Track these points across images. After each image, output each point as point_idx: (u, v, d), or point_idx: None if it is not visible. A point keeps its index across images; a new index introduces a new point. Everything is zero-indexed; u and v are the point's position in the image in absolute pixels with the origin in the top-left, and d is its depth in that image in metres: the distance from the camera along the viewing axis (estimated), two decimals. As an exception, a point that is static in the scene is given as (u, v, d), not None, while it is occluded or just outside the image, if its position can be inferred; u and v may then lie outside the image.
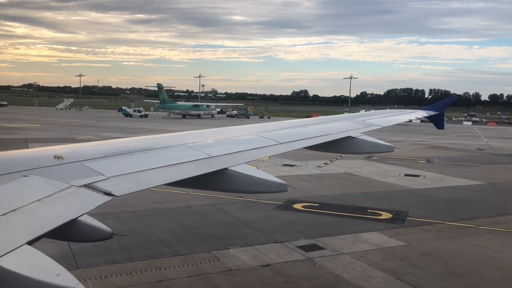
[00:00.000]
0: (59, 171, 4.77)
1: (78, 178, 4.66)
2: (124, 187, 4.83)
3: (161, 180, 5.36)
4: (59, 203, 4.09)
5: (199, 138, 7.42)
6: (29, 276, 2.94)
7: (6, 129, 62.60)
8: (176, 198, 22.31)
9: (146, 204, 20.99)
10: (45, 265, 3.15)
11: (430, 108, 16.41)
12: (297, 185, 26.92)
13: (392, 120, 13.83)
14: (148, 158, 5.84)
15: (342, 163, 37.13)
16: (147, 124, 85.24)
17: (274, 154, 7.83)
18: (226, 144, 7.40)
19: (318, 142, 8.93)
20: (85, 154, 5.52)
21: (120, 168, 5.23)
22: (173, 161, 5.92)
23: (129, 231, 16.73)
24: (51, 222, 3.71)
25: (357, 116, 13.35)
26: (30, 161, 4.90)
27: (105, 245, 14.95)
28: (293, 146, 8.20)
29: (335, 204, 22.54)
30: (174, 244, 15.76)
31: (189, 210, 20.40)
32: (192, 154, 6.35)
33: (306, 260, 14.57)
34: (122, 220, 18.51)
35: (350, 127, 10.67)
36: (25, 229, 3.48)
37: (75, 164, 5.07)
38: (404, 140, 63.82)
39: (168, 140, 7.04)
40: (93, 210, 4.25)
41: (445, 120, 77.26)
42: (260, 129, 8.83)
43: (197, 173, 5.79)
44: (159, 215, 19.42)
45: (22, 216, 3.65)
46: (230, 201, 22.05)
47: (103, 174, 4.90)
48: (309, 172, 32.50)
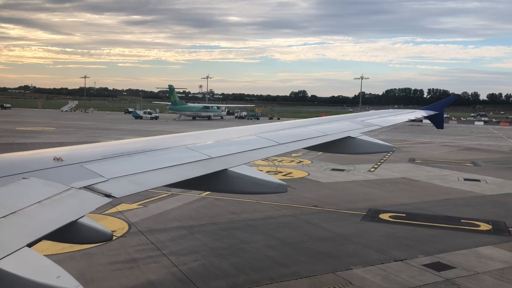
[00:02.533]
0: (59, 173, 4.74)
1: (78, 180, 4.64)
2: (124, 188, 4.79)
3: (161, 181, 5.36)
4: (59, 205, 4.07)
5: (199, 139, 7.39)
6: (29, 278, 2.93)
7: (24, 133, 60.69)
8: (249, 207, 21.22)
9: (223, 215, 19.97)
10: (45, 267, 3.15)
11: (429, 108, 16.32)
12: (364, 192, 25.69)
13: (392, 120, 13.76)
14: (147, 160, 5.82)
15: (391, 167, 35.87)
16: (162, 127, 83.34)
17: (274, 154, 7.77)
18: (225, 145, 7.34)
19: (318, 142, 8.90)
20: (84, 156, 5.49)
21: (120, 170, 5.19)
22: (172, 162, 5.90)
23: (229, 247, 15.84)
24: (51, 224, 3.69)
25: (356, 116, 13.16)
26: (30, 163, 4.87)
27: (215, 265, 14.09)
28: (293, 146, 8.18)
29: (422, 214, 21.11)
30: (287, 263, 14.39)
31: (274, 222, 19.14)
32: (192, 155, 6.33)
33: (446, 281, 13.31)
34: (212, 234, 17.34)
35: (349, 127, 10.64)
36: (25, 231, 3.47)
37: (75, 166, 5.04)
38: (432, 141, 62.35)
39: (167, 142, 6.95)
40: (182, 218, 3.84)
41: (455, 120, 76.83)
42: (259, 130, 8.81)
43: (197, 174, 5.76)
44: (246, 228, 18.16)
45: (22, 218, 3.63)
46: (308, 211, 21.03)
47: (103, 176, 4.87)
48: (365, 177, 31.14)
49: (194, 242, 16.22)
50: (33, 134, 59.82)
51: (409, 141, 61.39)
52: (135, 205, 20.87)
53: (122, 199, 21.00)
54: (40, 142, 49.04)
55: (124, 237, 16.41)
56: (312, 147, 8.84)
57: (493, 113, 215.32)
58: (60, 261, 13.45)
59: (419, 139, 64.36)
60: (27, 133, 60.34)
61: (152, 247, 15.38)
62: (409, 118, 14.74)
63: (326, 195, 24.76)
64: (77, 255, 14.39)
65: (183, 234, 17.03)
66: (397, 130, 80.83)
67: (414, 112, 16.14)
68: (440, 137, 70.65)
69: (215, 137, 7.78)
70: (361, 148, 9.73)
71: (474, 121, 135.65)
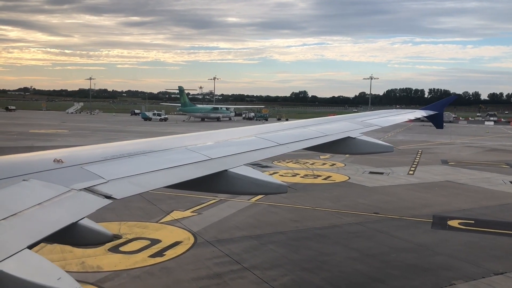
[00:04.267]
0: (59, 174, 4.71)
1: (78, 181, 4.60)
2: (124, 190, 4.75)
3: (161, 182, 5.32)
4: (59, 207, 4.05)
5: (199, 140, 7.38)
6: (30, 280, 2.91)
7: (39, 136, 59.69)
8: (308, 214, 20.60)
9: (285, 223, 19.20)
10: (45, 269, 3.13)
11: (429, 107, 16.26)
12: (418, 197, 24.91)
13: (392, 120, 13.76)
14: (147, 161, 5.79)
15: (428, 170, 35.24)
16: (175, 128, 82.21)
17: (274, 155, 7.71)
18: (225, 146, 7.30)
19: (318, 142, 8.91)
20: (84, 157, 5.44)
21: (120, 171, 5.16)
22: (173, 163, 5.87)
23: (310, 260, 14.92)
24: (52, 226, 3.67)
25: (356, 117, 13.13)
26: (30, 165, 4.85)
27: (307, 280, 13.27)
28: (293, 147, 8.14)
29: (491, 220, 20.20)
30: (383, 278, 13.60)
31: (342, 231, 18.31)
32: (192, 156, 6.29)
33: None
34: (284, 244, 16.50)
35: (349, 127, 10.65)
36: (26, 233, 3.45)
37: (75, 167, 5.01)
38: (452, 142, 61.40)
39: (167, 143, 6.91)
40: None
41: (464, 120, 76.32)
42: (259, 131, 8.77)
43: (197, 175, 5.73)
44: (316, 238, 17.34)
45: (22, 220, 3.61)
46: (372, 219, 20.23)
47: (103, 177, 4.84)
48: (408, 181, 30.33)
49: (270, 254, 15.40)
50: (48, 137, 59.10)
51: (430, 142, 60.79)
52: (188, 212, 20.14)
53: (175, 206, 20.11)
54: (59, 145, 48.03)
55: (195, 248, 15.55)
56: (313, 147, 8.83)
57: (498, 113, 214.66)
58: (139, 277, 12.68)
59: (439, 140, 63.55)
60: (42, 136, 59.55)
61: (229, 260, 14.54)
62: (409, 118, 14.64)
63: (380, 200, 23.89)
64: (154, 270, 13.56)
65: (255, 245, 16.17)
66: (412, 131, 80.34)
67: (414, 112, 15.99)
68: (458, 138, 70.10)
69: (215, 138, 7.75)
70: (361, 148, 9.77)
71: (484, 121, 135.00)
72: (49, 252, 13.86)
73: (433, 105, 16.56)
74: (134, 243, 15.70)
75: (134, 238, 16.30)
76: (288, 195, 23.16)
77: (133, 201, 20.76)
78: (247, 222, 18.90)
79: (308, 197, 23.86)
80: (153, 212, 19.93)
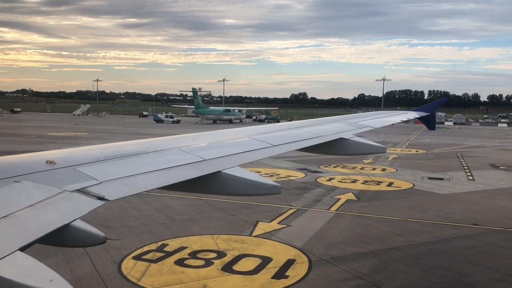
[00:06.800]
0: (51, 176, 4.73)
1: (70, 183, 4.62)
2: (117, 191, 4.78)
3: (155, 184, 5.37)
4: (51, 209, 4.06)
5: (193, 141, 7.42)
6: (21, 282, 2.91)
7: (59, 139, 57.39)
8: (406, 227, 19.31)
9: (390, 237, 17.83)
10: (38, 271, 3.12)
11: (421, 109, 16.55)
12: (505, 206, 23.69)
13: (385, 121, 13.93)
14: (141, 162, 5.84)
15: (485, 175, 34.06)
16: (191, 130, 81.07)
17: (267, 156, 7.81)
18: (219, 147, 7.38)
19: (311, 144, 9.01)
20: (77, 158, 5.48)
21: (113, 172, 5.20)
22: (166, 164, 5.92)
23: (452, 282, 13.63)
24: (44, 228, 3.68)
25: (349, 118, 13.29)
26: (21, 166, 4.86)
27: None
28: (286, 148, 8.23)
29: None
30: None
31: (457, 246, 16.91)
32: (185, 157, 6.35)
33: None
34: (408, 263, 15.02)
35: (342, 129, 10.79)
36: (17, 235, 3.45)
37: (68, 169, 5.04)
38: (483, 145, 60.51)
39: (161, 144, 6.97)
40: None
41: (476, 122, 76.19)
42: (253, 132, 8.85)
43: (190, 176, 5.79)
44: (438, 255, 15.80)
45: (14, 222, 3.62)
46: (478, 231, 18.70)
47: (96, 179, 4.87)
48: (476, 187, 28.87)
49: (404, 274, 13.93)
50: (70, 140, 57.34)
51: (460, 144, 60.24)
52: (274, 224, 18.80)
53: (255, 216, 19.95)
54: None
55: (317, 268, 14.17)
56: (306, 148, 8.95)
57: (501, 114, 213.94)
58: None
59: (468, 143, 62.68)
60: (63, 139, 57.75)
61: (365, 283, 13.10)
62: (401, 120, 14.83)
63: (467, 209, 22.51)
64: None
65: (378, 264, 14.77)
66: (433, 134, 75.84)
67: (406, 113, 16.23)
68: (484, 140, 69.71)
69: (209, 139, 7.82)
70: (354, 149, 9.89)
71: (496, 122, 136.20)
72: (157, 273, 13.11)
73: (426, 106, 16.81)
74: (244, 261, 14.40)
75: (240, 255, 15.02)
76: (366, 204, 22.62)
77: (208, 211, 20.33)
78: (348, 236, 17.57)
79: (388, 206, 22.72)
80: (238, 223, 18.76)
